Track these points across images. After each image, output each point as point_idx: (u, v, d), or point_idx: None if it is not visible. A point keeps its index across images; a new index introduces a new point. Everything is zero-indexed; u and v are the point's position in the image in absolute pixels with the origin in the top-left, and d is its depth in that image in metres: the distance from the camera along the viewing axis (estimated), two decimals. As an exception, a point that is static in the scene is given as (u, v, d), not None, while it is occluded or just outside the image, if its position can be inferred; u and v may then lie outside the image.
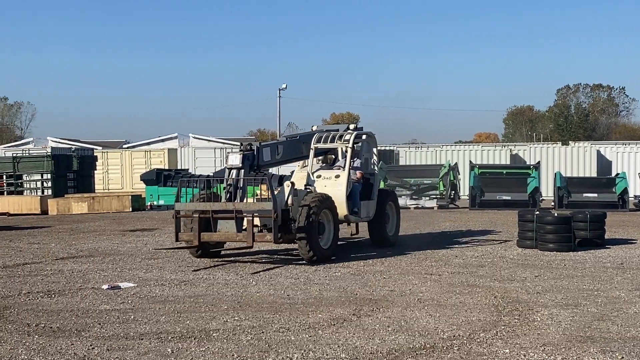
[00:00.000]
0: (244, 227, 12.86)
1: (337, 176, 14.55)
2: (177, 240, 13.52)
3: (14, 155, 34.84)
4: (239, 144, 13.94)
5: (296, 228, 12.98)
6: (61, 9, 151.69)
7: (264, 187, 13.92)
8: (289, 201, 13.32)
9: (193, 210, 13.11)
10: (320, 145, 15.16)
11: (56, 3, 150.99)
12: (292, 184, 13.70)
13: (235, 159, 13.41)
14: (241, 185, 13.35)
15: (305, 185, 14.18)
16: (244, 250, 14.70)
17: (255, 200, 13.67)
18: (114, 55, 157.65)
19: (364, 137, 15.81)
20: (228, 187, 13.31)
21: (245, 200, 13.45)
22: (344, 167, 14.71)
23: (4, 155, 40.08)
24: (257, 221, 13.32)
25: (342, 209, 14.14)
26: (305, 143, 15.30)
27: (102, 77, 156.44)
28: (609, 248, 15.24)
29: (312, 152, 15.13)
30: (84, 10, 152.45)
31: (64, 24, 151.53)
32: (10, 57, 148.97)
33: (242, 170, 13.36)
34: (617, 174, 29.56)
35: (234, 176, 13.40)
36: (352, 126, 16.34)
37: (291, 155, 15.19)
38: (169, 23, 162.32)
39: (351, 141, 14.79)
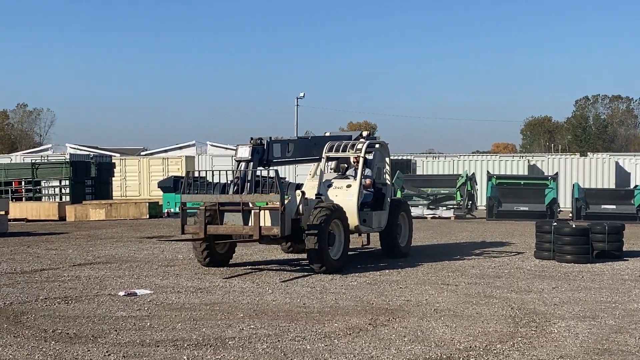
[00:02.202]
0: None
1: (349, 186, 14.46)
2: (182, 232, 13.29)
3: (33, 161, 35.07)
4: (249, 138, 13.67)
5: (306, 238, 12.91)
6: (79, 17, 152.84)
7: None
8: (300, 210, 13.30)
9: (200, 203, 13.00)
10: (332, 154, 15.11)
11: (76, 11, 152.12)
12: (303, 193, 13.66)
13: (245, 152, 13.22)
14: (249, 179, 13.12)
15: (316, 195, 14.12)
16: (254, 259, 14.70)
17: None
18: (133, 63, 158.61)
19: (376, 146, 15.76)
20: (235, 179, 13.16)
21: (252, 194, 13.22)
22: (355, 177, 14.64)
23: (22, 161, 40.37)
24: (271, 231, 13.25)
25: (353, 219, 14.01)
26: (316, 145, 15.22)
27: (122, 84, 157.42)
28: (627, 260, 15.13)
29: (323, 161, 15.09)
30: (103, 18, 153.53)
31: (83, 31, 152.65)
32: (30, 63, 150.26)
33: (251, 163, 13.19)
34: (636, 186, 29.33)
35: (242, 168, 13.22)
36: (365, 133, 16.29)
37: (302, 154, 15.04)
38: (188, 31, 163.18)
39: (363, 150, 14.68)
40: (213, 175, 13.72)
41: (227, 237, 13.64)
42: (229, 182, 13.97)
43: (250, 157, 13.18)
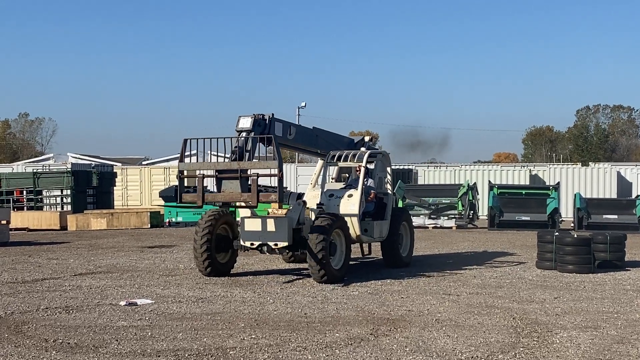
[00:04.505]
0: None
1: (350, 195, 14.47)
2: (180, 201, 13.20)
3: (35, 170, 35.08)
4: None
5: (307, 247, 12.91)
6: (81, 26, 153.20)
7: (275, 204, 13.85)
8: (301, 219, 13.30)
9: (197, 170, 12.92)
10: (334, 163, 15.13)
11: (77, 20, 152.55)
12: (304, 202, 13.65)
13: (246, 122, 13.08)
14: (248, 148, 12.97)
15: (317, 204, 14.10)
16: (256, 269, 14.70)
17: (268, 214, 13.56)
18: (135, 72, 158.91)
19: (378, 155, 15.77)
20: (235, 149, 12.99)
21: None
22: (357, 187, 14.65)
23: (24, 170, 40.38)
24: (272, 240, 13.24)
25: (354, 229, 14.04)
26: (318, 137, 15.09)
27: (123, 93, 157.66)
28: (629, 270, 15.11)
29: (324, 170, 15.09)
30: (104, 27, 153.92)
31: (84, 40, 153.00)
32: (32, 73, 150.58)
33: (252, 133, 13.02)
34: (638, 196, 29.29)
35: (242, 137, 13.04)
36: (367, 138, 16.31)
37: (304, 141, 14.84)
38: (190, 40, 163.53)
39: (365, 160, 14.71)
40: (211, 142, 13.37)
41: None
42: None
43: (251, 128, 13.07)
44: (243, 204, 13.08)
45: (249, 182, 12.57)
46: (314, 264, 12.80)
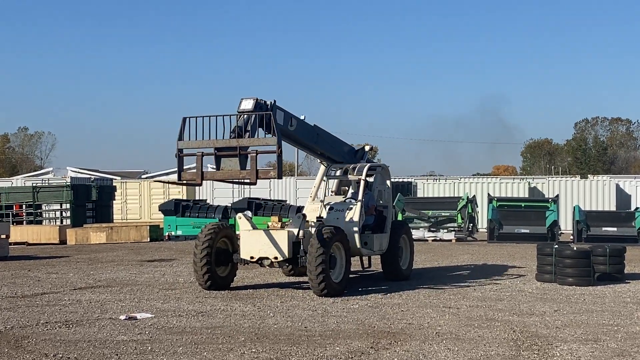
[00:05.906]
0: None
1: (350, 208, 14.49)
2: (179, 179, 13.22)
3: (34, 185, 35.10)
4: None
5: (307, 261, 12.91)
6: (80, 39, 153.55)
7: (274, 218, 13.84)
8: (301, 233, 13.32)
9: (196, 149, 12.91)
10: (333, 176, 15.14)
11: (77, 34, 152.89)
12: (304, 215, 13.67)
13: (248, 104, 13.04)
14: (248, 129, 12.91)
15: (317, 218, 14.13)
16: (256, 282, 14.69)
17: (275, 223, 13.54)
18: (134, 86, 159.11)
19: (377, 169, 15.80)
20: (234, 128, 12.88)
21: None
22: (356, 200, 14.66)
23: (23, 185, 40.38)
24: (272, 254, 13.26)
25: (354, 242, 14.04)
26: (319, 136, 15.03)
27: (123, 107, 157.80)
28: (629, 283, 15.11)
29: (324, 183, 15.12)
30: (104, 39, 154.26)
31: (84, 54, 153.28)
32: (31, 87, 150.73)
33: (253, 115, 12.94)
34: (637, 208, 29.33)
35: (243, 117, 12.95)
36: (367, 147, 16.33)
37: (304, 136, 14.66)
38: (190, 52, 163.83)
39: (364, 173, 14.73)
40: (210, 120, 12.97)
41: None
42: (229, 204, 13.91)
43: (252, 109, 13.02)
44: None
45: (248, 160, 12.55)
46: (313, 277, 12.80)
